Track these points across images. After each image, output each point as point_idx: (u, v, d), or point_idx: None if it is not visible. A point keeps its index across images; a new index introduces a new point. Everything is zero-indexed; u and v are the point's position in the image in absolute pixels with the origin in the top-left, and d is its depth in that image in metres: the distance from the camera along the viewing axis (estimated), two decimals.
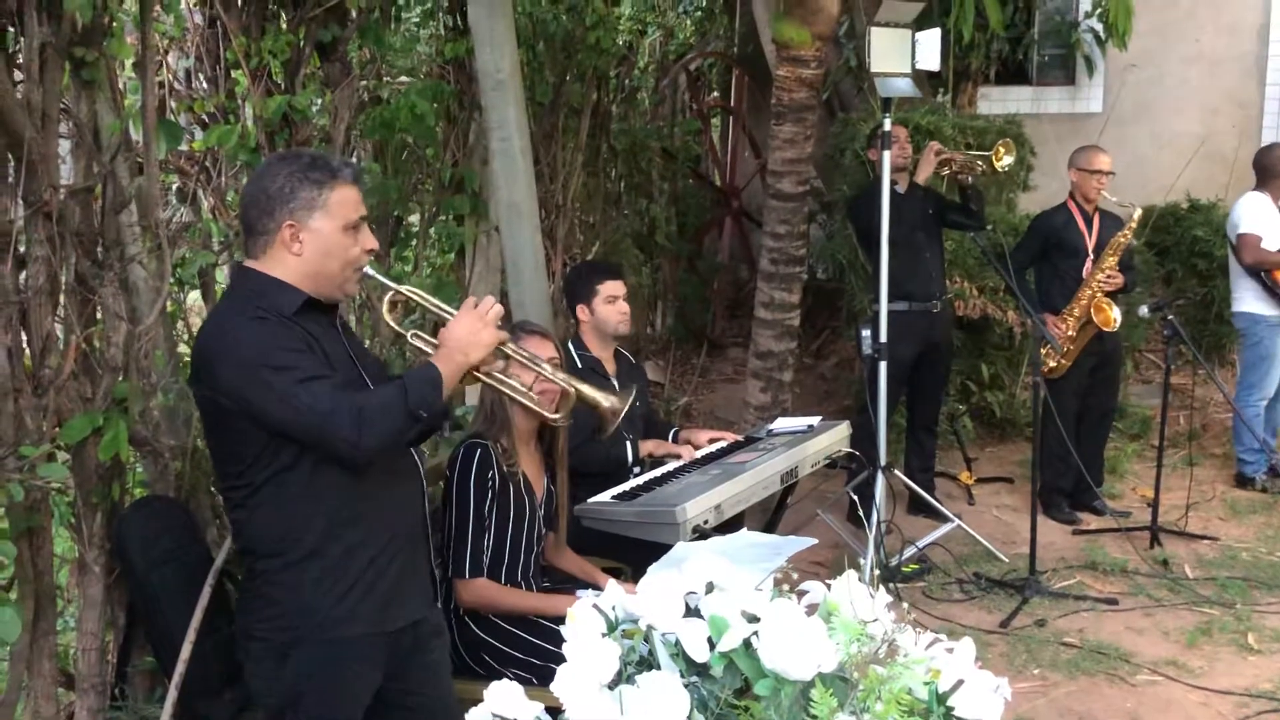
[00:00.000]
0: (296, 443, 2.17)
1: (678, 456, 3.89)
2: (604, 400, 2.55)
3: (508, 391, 2.44)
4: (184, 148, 3.74)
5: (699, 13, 9.22)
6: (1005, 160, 5.00)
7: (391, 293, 2.38)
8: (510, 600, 2.98)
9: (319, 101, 3.98)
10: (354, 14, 3.99)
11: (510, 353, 2.40)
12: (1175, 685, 3.83)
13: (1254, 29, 8.52)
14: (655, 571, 1.80)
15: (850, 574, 1.79)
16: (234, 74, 3.76)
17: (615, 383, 3.96)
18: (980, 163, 5.05)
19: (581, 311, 3.94)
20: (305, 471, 2.20)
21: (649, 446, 3.96)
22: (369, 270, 2.29)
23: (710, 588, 1.73)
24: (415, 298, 2.38)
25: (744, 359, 6.11)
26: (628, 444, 3.83)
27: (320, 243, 2.20)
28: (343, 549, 2.25)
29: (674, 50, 8.80)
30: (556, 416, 2.60)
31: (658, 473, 3.71)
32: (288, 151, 2.87)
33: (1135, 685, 3.85)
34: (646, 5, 8.80)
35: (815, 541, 1.97)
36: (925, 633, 1.85)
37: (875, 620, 1.73)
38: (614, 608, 1.75)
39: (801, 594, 1.84)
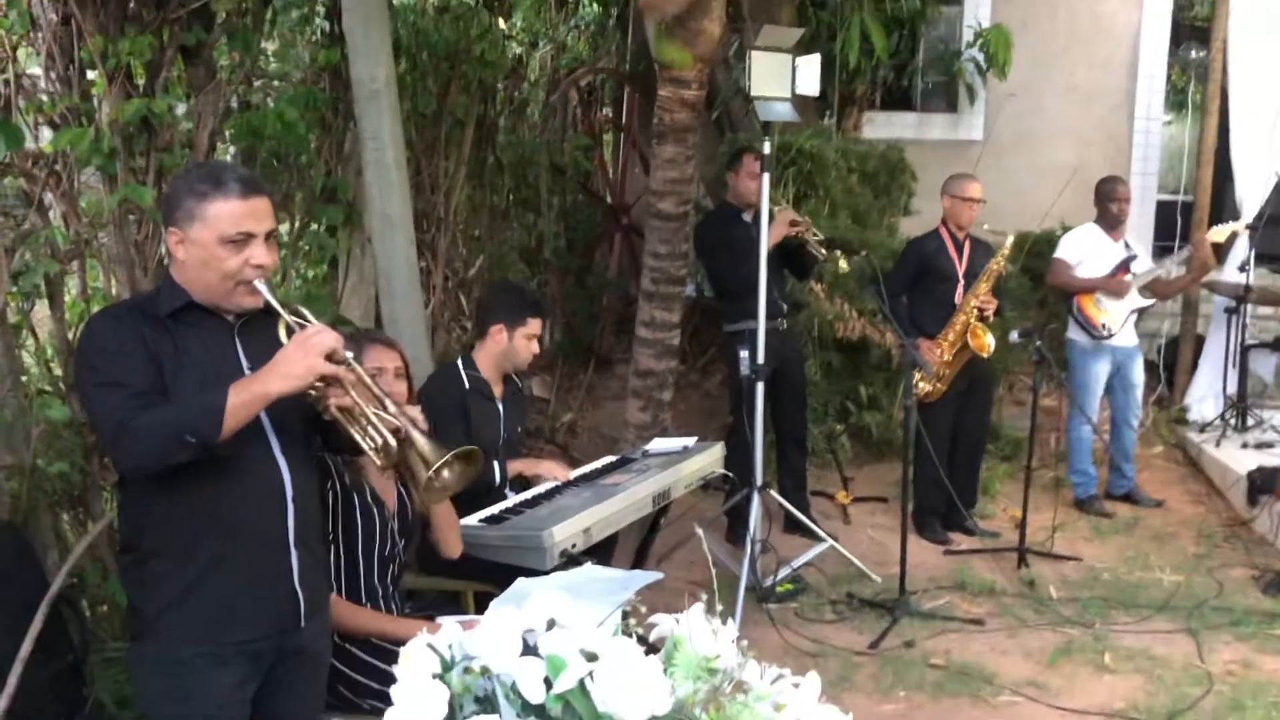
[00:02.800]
0: None
1: (551, 478, 3.84)
2: (430, 455, 2.27)
3: (354, 434, 2.25)
4: (32, 147, 3.56)
5: (591, 28, 9.21)
6: (841, 267, 5.22)
7: (286, 310, 2.27)
8: (361, 621, 2.88)
9: (183, 106, 3.83)
10: (221, 17, 3.86)
11: (352, 389, 2.20)
12: (1035, 706, 3.91)
13: (1124, 65, 8.88)
14: (496, 608, 1.74)
15: (697, 607, 1.76)
16: (90, 74, 3.60)
17: (500, 407, 3.89)
18: (822, 250, 5.19)
19: (499, 333, 3.84)
20: None
21: (518, 466, 3.90)
22: (259, 287, 2.22)
23: (551, 625, 1.69)
24: (294, 322, 2.25)
25: None
26: (495, 465, 3.76)
27: (198, 252, 2.20)
28: (183, 551, 2.25)
29: (565, 65, 8.76)
30: (380, 465, 2.32)
31: (528, 495, 3.65)
32: (206, 162, 3.03)
33: (996, 706, 3.92)
34: (539, 18, 8.75)
35: (661, 576, 1.93)
36: (771, 667, 1.83)
37: (718, 656, 1.71)
38: (450, 646, 1.69)
39: (650, 627, 1.81)
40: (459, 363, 3.90)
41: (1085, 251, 5.85)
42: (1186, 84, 10.42)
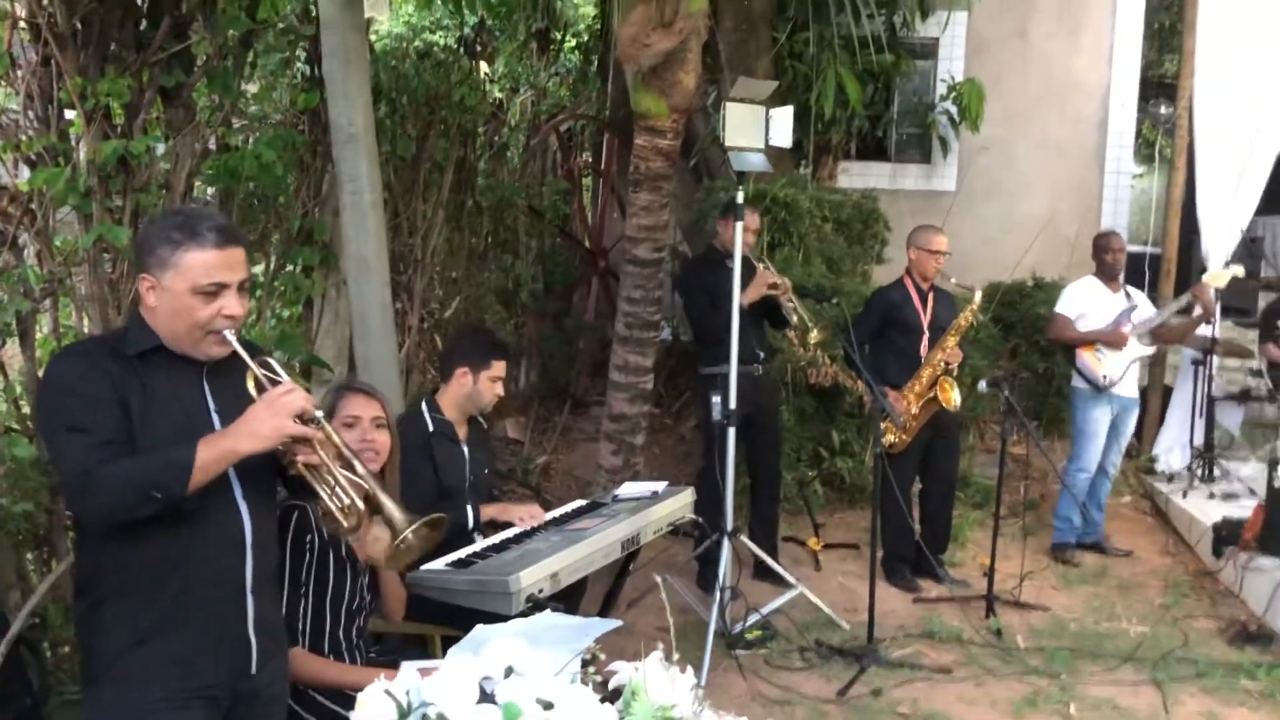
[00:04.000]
0: None
1: (521, 521, 3.83)
2: (398, 520, 2.27)
3: (320, 492, 2.27)
4: (9, 185, 3.57)
5: (572, 75, 9.32)
6: (815, 337, 5.21)
7: (255, 363, 2.27)
8: (327, 673, 2.87)
9: (161, 147, 3.85)
10: (201, 59, 3.89)
11: (320, 450, 2.22)
12: None
13: (1095, 121, 9.06)
14: (454, 654, 1.75)
15: (655, 655, 1.78)
16: (68, 114, 3.62)
17: (465, 449, 3.90)
18: (794, 317, 5.22)
19: (464, 376, 3.87)
20: None
21: (492, 512, 3.90)
22: (229, 337, 2.22)
23: (509, 672, 1.70)
24: (263, 375, 2.26)
25: None
26: (468, 509, 3.76)
27: (170, 301, 2.19)
28: (140, 595, 2.23)
29: (546, 110, 8.85)
30: (346, 527, 2.29)
31: (496, 539, 3.65)
32: (182, 208, 2.96)
33: None
34: (520, 64, 8.85)
35: (621, 623, 1.95)
36: (730, 715, 1.85)
37: (675, 705, 1.72)
38: (407, 692, 1.70)
39: (610, 674, 1.82)
40: (423, 405, 3.92)
41: (1085, 304, 5.94)
42: (1156, 139, 10.63)
